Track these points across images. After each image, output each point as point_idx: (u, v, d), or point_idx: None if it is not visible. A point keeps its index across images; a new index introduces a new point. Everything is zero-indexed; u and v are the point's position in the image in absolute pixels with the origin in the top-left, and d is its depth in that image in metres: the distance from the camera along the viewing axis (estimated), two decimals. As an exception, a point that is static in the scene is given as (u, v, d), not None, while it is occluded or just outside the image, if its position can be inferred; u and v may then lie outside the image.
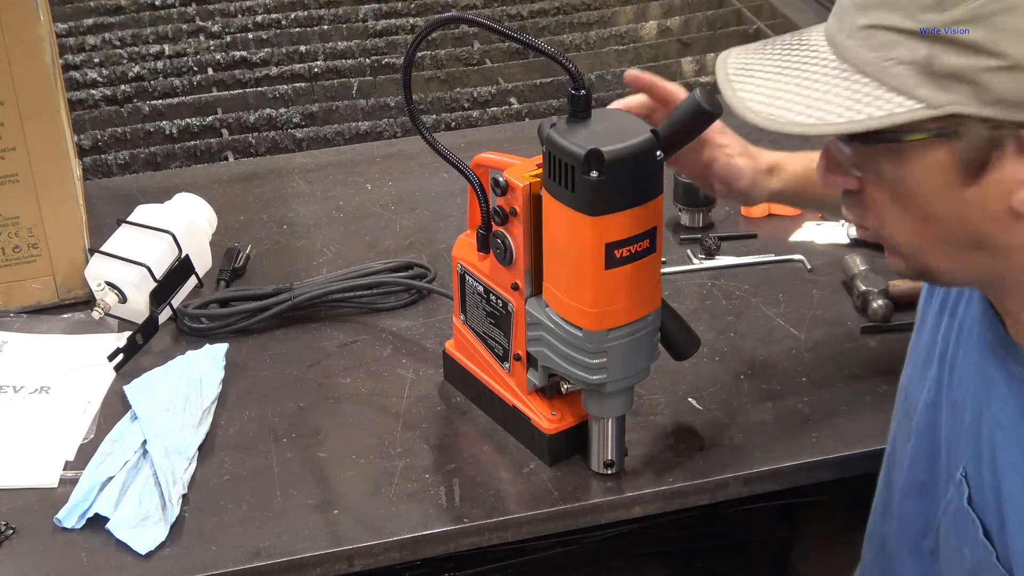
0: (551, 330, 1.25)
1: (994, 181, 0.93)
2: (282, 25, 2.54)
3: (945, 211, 0.97)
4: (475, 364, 1.40)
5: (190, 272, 1.60)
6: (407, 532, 1.27)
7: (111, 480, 1.31)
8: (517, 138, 1.96)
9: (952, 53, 0.90)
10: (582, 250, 1.18)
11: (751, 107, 0.96)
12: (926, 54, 0.91)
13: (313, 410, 1.43)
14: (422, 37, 1.24)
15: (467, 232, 1.38)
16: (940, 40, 0.90)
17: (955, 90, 0.90)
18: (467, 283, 1.37)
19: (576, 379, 1.26)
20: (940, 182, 0.95)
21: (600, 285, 1.19)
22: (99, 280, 1.55)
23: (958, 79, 0.90)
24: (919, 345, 1.20)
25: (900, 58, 0.92)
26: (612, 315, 1.21)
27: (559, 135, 1.16)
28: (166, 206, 1.67)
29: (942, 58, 0.90)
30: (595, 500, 1.31)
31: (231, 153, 2.15)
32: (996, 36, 0.88)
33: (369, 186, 1.85)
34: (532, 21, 2.56)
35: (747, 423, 1.39)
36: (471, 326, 1.39)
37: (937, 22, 0.90)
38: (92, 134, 2.17)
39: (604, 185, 1.14)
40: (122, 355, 1.48)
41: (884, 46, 0.93)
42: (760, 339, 1.51)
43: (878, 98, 0.93)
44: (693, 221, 1.72)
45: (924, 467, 1.17)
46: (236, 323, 1.54)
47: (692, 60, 2.39)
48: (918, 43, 0.91)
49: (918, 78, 0.91)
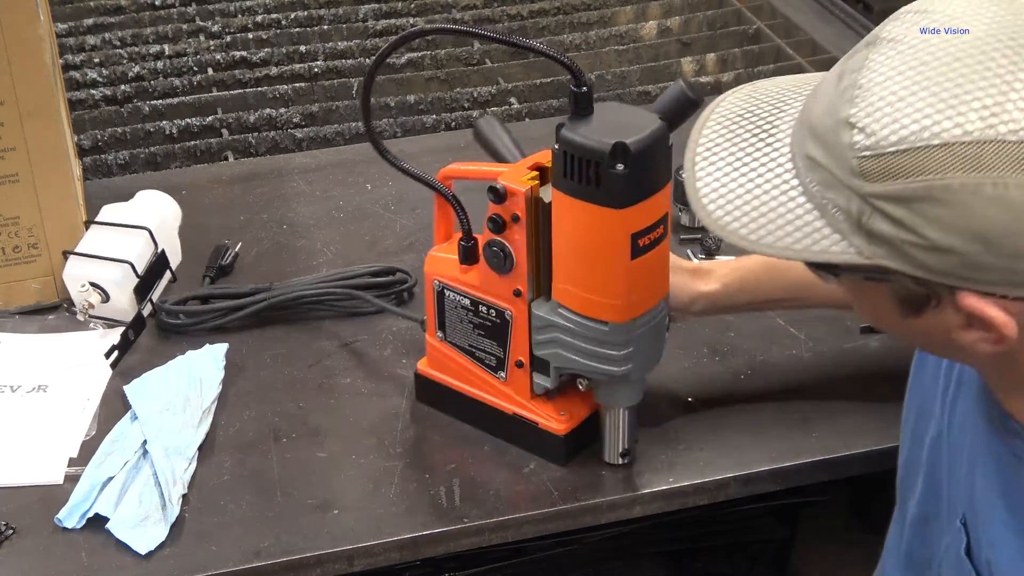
0: (569, 330, 1.25)
1: (935, 320, 0.93)
2: (282, 25, 2.53)
3: (896, 328, 0.98)
4: (459, 379, 1.38)
5: (166, 267, 1.61)
6: (407, 532, 1.27)
7: (111, 480, 1.31)
8: (517, 138, 1.96)
9: (878, 220, 0.88)
10: (609, 244, 1.18)
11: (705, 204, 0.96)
12: (856, 210, 0.89)
13: (313, 410, 1.43)
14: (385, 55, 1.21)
15: (437, 247, 1.36)
16: (866, 204, 0.88)
17: (883, 248, 0.89)
18: (447, 299, 1.34)
19: (599, 374, 1.25)
20: (885, 309, 0.95)
21: (627, 276, 1.20)
22: (82, 281, 1.54)
23: (885, 241, 0.88)
24: (924, 369, 1.19)
25: (835, 203, 0.90)
26: (637, 304, 1.22)
27: (574, 133, 1.16)
28: (134, 204, 1.67)
29: (871, 219, 0.88)
30: (595, 500, 1.31)
31: (231, 153, 2.14)
32: (916, 219, 0.86)
33: (369, 186, 1.85)
34: (532, 21, 2.56)
35: (747, 423, 1.39)
36: (452, 342, 1.36)
37: (863, 190, 0.88)
38: (92, 134, 2.17)
39: (630, 177, 1.15)
40: (117, 352, 1.48)
41: (824, 184, 0.91)
42: (760, 339, 1.51)
43: (817, 231, 0.91)
44: (693, 221, 1.72)
45: (932, 502, 1.16)
46: (211, 320, 1.54)
47: (692, 60, 2.39)
48: (849, 197, 0.89)
49: (850, 226, 0.90)
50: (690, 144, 0.99)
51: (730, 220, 0.94)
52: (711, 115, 1.01)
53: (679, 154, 1.32)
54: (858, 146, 0.87)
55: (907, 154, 0.85)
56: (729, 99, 1.02)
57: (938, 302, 0.91)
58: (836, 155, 0.89)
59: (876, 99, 0.87)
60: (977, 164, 0.83)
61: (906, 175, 0.85)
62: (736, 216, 0.94)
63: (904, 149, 0.85)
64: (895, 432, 1.27)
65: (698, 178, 0.97)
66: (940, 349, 1.02)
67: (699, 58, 2.39)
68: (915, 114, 0.85)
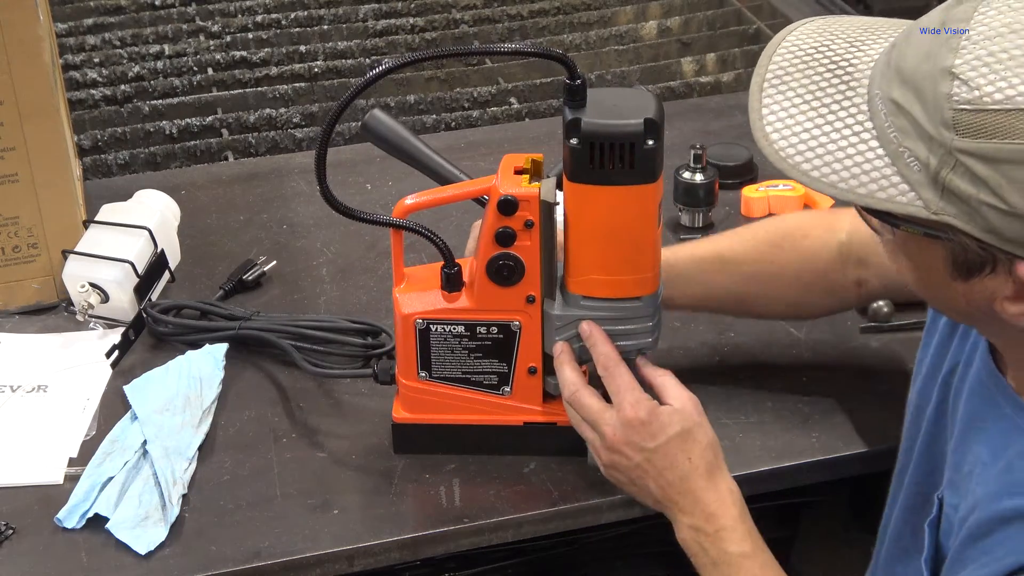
0: (599, 319, 1.25)
1: (981, 286, 0.92)
2: (282, 25, 2.54)
3: (935, 290, 0.97)
4: (451, 413, 1.34)
5: (165, 267, 1.60)
6: (407, 532, 1.27)
7: (111, 480, 1.31)
8: (517, 138, 1.96)
9: (959, 176, 0.86)
10: (641, 219, 1.21)
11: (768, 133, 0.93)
12: (937, 164, 0.87)
13: (313, 410, 1.43)
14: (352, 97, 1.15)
15: (400, 288, 1.31)
16: (951, 157, 0.86)
17: (955, 206, 0.87)
18: (433, 334, 1.30)
19: (631, 351, 1.26)
20: (930, 267, 0.94)
21: (657, 244, 1.24)
22: (82, 281, 1.54)
23: (960, 199, 0.87)
24: (926, 355, 1.19)
25: (914, 152, 0.88)
26: (658, 271, 1.25)
27: (595, 122, 1.17)
28: (133, 203, 1.67)
29: (949, 175, 0.87)
30: (595, 500, 1.31)
31: (231, 153, 2.15)
32: (1002, 181, 0.85)
33: (369, 186, 1.85)
34: (532, 21, 2.56)
35: (747, 423, 1.39)
36: (440, 377, 1.32)
37: (950, 143, 0.86)
38: (92, 134, 2.17)
39: (659, 149, 1.18)
40: (118, 351, 1.48)
41: (904, 132, 0.89)
42: (760, 339, 1.51)
43: (886, 177, 0.90)
44: (693, 221, 1.72)
45: (922, 480, 1.17)
46: (187, 336, 1.51)
47: (692, 60, 2.39)
48: (932, 148, 0.87)
49: (924, 179, 0.88)
50: (757, 72, 0.96)
51: (793, 153, 0.92)
52: (780, 45, 0.98)
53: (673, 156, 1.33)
54: (957, 97, 0.85)
55: (1010, 114, 0.84)
56: (799, 31, 0.99)
57: (993, 268, 0.90)
58: (928, 103, 0.87)
59: (984, 53, 0.85)
60: None
61: (1003, 135, 0.84)
62: (801, 151, 0.92)
63: (1008, 109, 0.84)
64: (895, 432, 1.27)
65: (764, 105, 0.95)
66: (971, 317, 1.00)
67: (699, 58, 2.39)
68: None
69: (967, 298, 0.94)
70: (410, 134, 1.46)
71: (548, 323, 1.28)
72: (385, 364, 1.38)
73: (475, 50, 1.35)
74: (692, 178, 1.69)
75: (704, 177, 1.69)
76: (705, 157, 1.70)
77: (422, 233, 1.27)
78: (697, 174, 1.69)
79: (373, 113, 1.47)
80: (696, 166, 1.69)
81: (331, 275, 1.66)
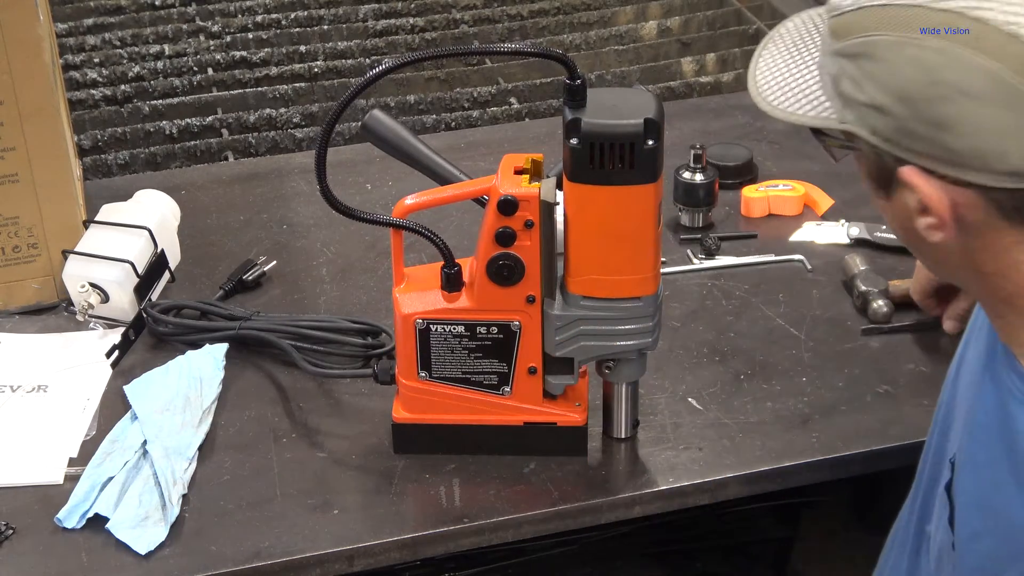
0: (599, 319, 1.26)
1: (900, 203, 0.98)
2: (282, 25, 2.54)
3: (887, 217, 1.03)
4: (451, 413, 1.34)
5: (165, 267, 1.60)
6: (407, 532, 1.27)
7: (111, 480, 1.31)
8: (517, 138, 1.96)
9: (845, 79, 0.96)
10: (641, 219, 1.21)
11: (755, 75, 1.05)
12: (835, 72, 0.97)
13: (313, 410, 1.43)
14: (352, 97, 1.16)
15: (399, 288, 1.31)
16: (835, 63, 0.97)
17: (851, 110, 0.96)
18: (433, 334, 1.30)
19: (631, 352, 1.27)
20: (869, 187, 1.01)
21: (657, 245, 1.24)
22: (82, 281, 1.54)
23: (853, 103, 0.96)
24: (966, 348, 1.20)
25: (827, 67, 0.99)
26: (658, 271, 1.25)
27: (595, 122, 1.18)
28: (133, 203, 1.66)
29: (841, 81, 0.97)
30: (595, 500, 1.31)
31: (231, 153, 2.15)
32: (862, 77, 0.94)
33: (369, 186, 1.85)
34: (532, 21, 2.56)
35: (747, 423, 1.39)
36: (440, 377, 1.32)
37: (832, 48, 0.97)
38: (92, 134, 2.17)
39: (659, 149, 1.19)
40: (118, 351, 1.48)
41: (822, 51, 1.00)
42: (760, 339, 1.51)
43: (816, 97, 1.00)
44: (693, 221, 1.72)
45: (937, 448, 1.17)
46: (187, 336, 1.51)
47: (692, 60, 2.39)
48: (829, 57, 0.98)
49: (832, 91, 0.98)
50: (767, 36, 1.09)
51: (764, 88, 1.04)
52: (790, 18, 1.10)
53: (673, 156, 1.34)
54: (831, 6, 0.98)
55: (857, 12, 0.95)
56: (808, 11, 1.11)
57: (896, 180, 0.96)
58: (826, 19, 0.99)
59: None
60: (904, 24, 0.92)
61: (855, 33, 0.95)
62: (771, 87, 1.04)
63: (856, 8, 0.95)
64: (895, 432, 1.27)
65: (760, 57, 1.07)
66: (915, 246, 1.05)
67: (699, 58, 2.39)
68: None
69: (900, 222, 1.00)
70: (410, 134, 1.47)
71: (548, 323, 1.28)
72: (385, 364, 1.38)
73: (475, 50, 1.36)
74: (692, 178, 1.69)
75: (704, 177, 1.69)
76: (705, 157, 1.70)
77: (422, 233, 1.27)
78: (697, 174, 1.69)
79: (373, 113, 1.47)
80: (696, 166, 1.69)
81: (331, 275, 1.66)
